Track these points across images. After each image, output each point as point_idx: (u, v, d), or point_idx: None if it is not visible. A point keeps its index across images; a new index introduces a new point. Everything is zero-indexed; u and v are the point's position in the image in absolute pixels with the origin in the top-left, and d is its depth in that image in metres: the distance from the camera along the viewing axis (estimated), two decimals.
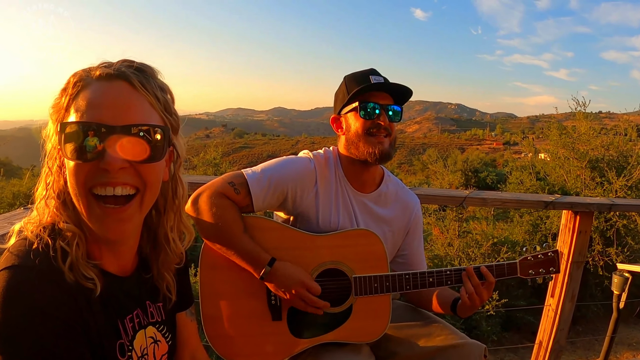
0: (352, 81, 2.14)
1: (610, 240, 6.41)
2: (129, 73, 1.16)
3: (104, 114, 1.10)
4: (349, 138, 2.15)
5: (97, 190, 1.11)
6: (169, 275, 1.41)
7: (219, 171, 11.22)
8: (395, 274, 2.12)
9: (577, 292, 3.40)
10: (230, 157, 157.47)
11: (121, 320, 1.24)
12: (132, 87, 1.15)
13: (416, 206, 2.38)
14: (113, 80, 1.14)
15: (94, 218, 1.13)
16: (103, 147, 1.08)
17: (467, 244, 6.73)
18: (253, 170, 2.10)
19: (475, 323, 5.81)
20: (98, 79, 1.14)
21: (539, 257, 2.21)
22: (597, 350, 5.46)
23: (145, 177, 1.17)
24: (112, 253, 1.26)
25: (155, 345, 1.37)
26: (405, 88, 2.10)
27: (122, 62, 1.19)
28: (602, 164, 7.09)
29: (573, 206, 3.30)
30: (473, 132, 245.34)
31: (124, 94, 1.14)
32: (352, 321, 2.13)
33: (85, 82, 1.14)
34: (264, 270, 1.98)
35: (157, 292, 1.42)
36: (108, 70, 1.14)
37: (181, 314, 1.59)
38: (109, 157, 1.08)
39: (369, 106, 2.08)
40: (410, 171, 49.93)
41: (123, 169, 1.11)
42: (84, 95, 1.12)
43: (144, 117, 1.15)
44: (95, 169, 1.09)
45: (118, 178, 1.11)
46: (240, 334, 2.10)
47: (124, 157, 1.10)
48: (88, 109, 1.10)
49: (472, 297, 2.07)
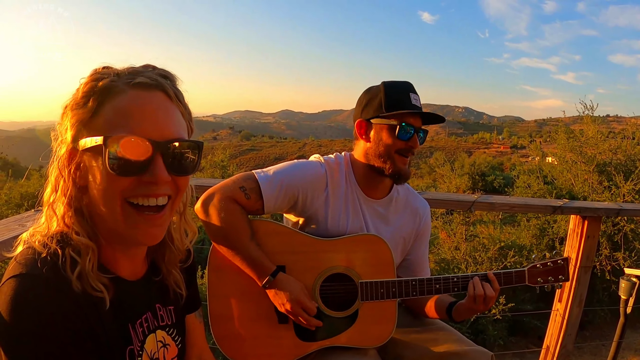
0: (392, 94, 2.12)
1: (617, 245, 6.38)
2: (165, 83, 1.16)
3: (148, 127, 1.10)
4: (377, 150, 2.13)
5: (137, 201, 1.13)
6: (176, 272, 1.42)
7: (226, 173, 11.22)
8: (402, 280, 2.12)
9: (584, 296, 3.38)
10: (237, 159, 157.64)
11: (132, 324, 1.24)
12: (169, 98, 1.16)
13: (426, 212, 2.39)
14: (152, 91, 1.13)
15: (131, 225, 1.13)
16: (149, 162, 1.09)
17: (474, 248, 6.71)
18: (265, 173, 2.10)
19: (481, 327, 5.80)
20: (134, 87, 1.11)
21: (548, 265, 2.20)
22: (604, 355, 5.43)
23: (181, 186, 1.20)
24: (128, 258, 1.27)
25: (165, 349, 1.37)
26: (439, 117, 2.15)
27: (150, 69, 1.19)
28: (609, 167, 7.06)
29: (581, 211, 3.29)
30: (480, 135, 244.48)
31: (162, 106, 1.14)
32: (358, 326, 2.13)
33: (116, 87, 1.11)
34: (267, 279, 2.00)
35: (168, 295, 1.42)
36: (143, 79, 1.13)
37: (190, 315, 1.59)
38: (157, 171, 1.10)
39: (406, 129, 2.07)
40: (417, 174, 49.78)
41: (166, 182, 1.14)
42: (119, 103, 1.10)
43: (180, 129, 1.17)
44: (139, 181, 1.10)
45: (160, 190, 1.14)
46: (247, 336, 2.10)
47: (169, 172, 1.12)
48: (129, 120, 1.09)
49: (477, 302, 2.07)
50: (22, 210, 7.75)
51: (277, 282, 2.00)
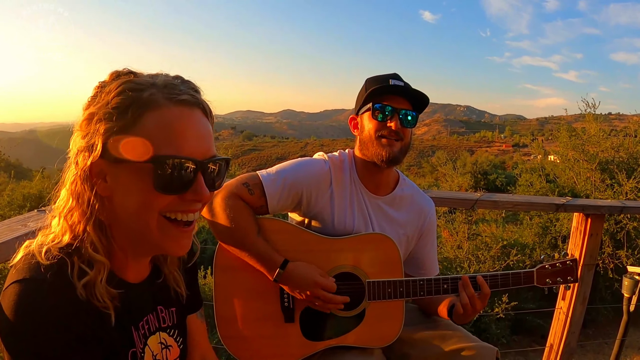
0: (371, 83, 2.14)
1: (620, 243, 6.37)
2: (201, 100, 1.17)
3: (193, 146, 1.11)
4: (362, 139, 2.16)
5: (176, 216, 1.15)
6: (177, 273, 1.43)
7: (228, 174, 11.25)
8: (410, 279, 2.11)
9: (588, 295, 3.38)
10: (239, 159, 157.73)
11: (135, 326, 1.25)
12: (205, 115, 1.18)
13: (431, 210, 2.37)
14: (193, 108, 1.14)
15: (165, 238, 1.15)
16: (192, 180, 1.12)
17: (476, 247, 6.70)
18: (268, 172, 2.10)
19: (484, 326, 5.79)
20: (177, 104, 1.11)
21: (557, 266, 2.18)
22: (607, 353, 5.42)
23: (210, 199, 1.24)
24: (137, 263, 1.28)
25: (167, 350, 1.38)
26: (421, 94, 2.09)
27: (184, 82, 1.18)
28: (612, 165, 7.04)
29: (584, 209, 3.29)
30: (482, 134, 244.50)
31: (202, 123, 1.16)
32: (364, 325, 2.13)
33: (157, 100, 1.10)
34: (277, 272, 1.99)
35: (169, 296, 1.43)
36: (185, 96, 1.13)
37: (192, 315, 1.60)
38: (200, 189, 1.13)
39: (382, 109, 2.07)
40: (420, 173, 49.78)
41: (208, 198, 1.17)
42: (162, 117, 1.09)
43: (214, 145, 1.19)
44: (180, 199, 1.13)
45: (198, 206, 1.18)
46: (253, 336, 2.11)
47: (209, 189, 1.16)
48: (175, 139, 1.09)
49: (466, 308, 2.06)
50: (25, 211, 7.75)
51: (288, 272, 2.00)
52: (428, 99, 2.11)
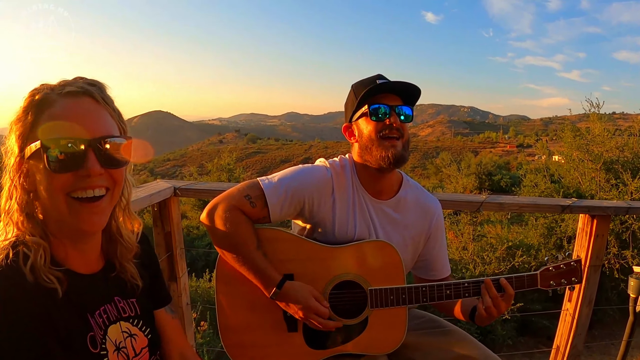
0: (359, 87, 2.12)
1: (626, 243, 6.35)
2: (92, 89, 1.29)
3: (80, 128, 1.23)
4: (363, 144, 2.11)
5: (77, 194, 1.25)
6: (129, 266, 1.51)
7: (232, 176, 11.23)
8: (412, 286, 2.09)
9: (594, 296, 3.36)
10: (243, 162, 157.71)
11: (91, 314, 1.33)
12: (96, 101, 1.29)
13: (437, 210, 2.33)
14: (79, 97, 1.27)
15: (73, 215, 1.25)
16: (83, 158, 1.23)
17: (481, 248, 6.70)
18: (269, 180, 2.09)
19: (490, 327, 5.78)
20: (64, 96, 1.25)
21: (560, 268, 2.16)
22: (613, 354, 5.41)
23: (116, 178, 1.33)
24: (79, 252, 1.36)
25: (132, 339, 1.46)
26: (412, 86, 2.06)
27: (80, 80, 1.32)
28: (616, 165, 7.03)
29: (590, 210, 3.27)
30: (486, 134, 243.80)
31: (91, 108, 1.28)
32: (368, 333, 2.12)
33: (49, 99, 1.25)
34: (273, 291, 1.99)
35: (126, 288, 1.50)
36: (72, 88, 1.27)
37: (160, 311, 1.67)
38: (90, 165, 1.23)
39: (378, 109, 2.04)
40: (424, 175, 49.72)
41: (100, 175, 1.26)
42: (53, 111, 1.23)
43: (109, 128, 1.30)
44: (76, 177, 1.23)
45: (96, 182, 1.27)
46: (257, 345, 2.11)
47: (101, 165, 1.25)
48: (61, 124, 1.22)
49: (490, 310, 2.04)
50: None
51: (284, 292, 1.99)
52: (419, 90, 2.09)
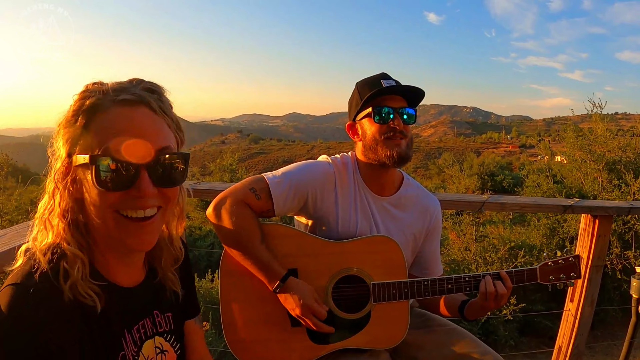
0: (364, 87, 2.15)
1: (628, 243, 6.33)
2: (148, 97, 1.19)
3: (133, 143, 1.13)
4: (366, 144, 2.15)
5: (127, 213, 1.17)
6: (171, 274, 1.46)
7: (235, 177, 11.24)
8: (414, 280, 2.12)
9: (596, 296, 3.37)
10: (246, 162, 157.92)
11: (129, 330, 1.27)
12: (153, 112, 1.19)
13: (436, 210, 2.38)
14: (135, 106, 1.17)
15: (121, 231, 1.17)
16: (135, 177, 1.14)
17: (484, 248, 6.69)
18: (274, 174, 2.12)
19: (492, 328, 5.77)
20: (119, 104, 1.15)
21: (559, 263, 2.20)
22: (615, 355, 5.39)
23: (170, 196, 1.25)
24: (125, 265, 1.30)
25: (162, 355, 1.41)
26: (416, 89, 2.10)
27: (136, 83, 1.22)
28: (619, 166, 7.01)
29: (592, 210, 3.27)
30: (489, 135, 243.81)
31: (147, 120, 1.18)
32: (370, 327, 2.14)
33: (102, 105, 1.15)
34: (277, 284, 2.01)
35: (165, 300, 1.45)
36: (128, 96, 1.16)
37: (190, 321, 1.63)
38: (142, 186, 1.14)
39: (382, 111, 2.08)
40: (426, 175, 49.74)
41: (153, 195, 1.18)
42: (105, 120, 1.14)
43: (166, 141, 1.20)
44: (127, 195, 1.14)
45: (148, 203, 1.18)
46: (260, 340, 2.12)
47: (154, 185, 1.17)
48: (115, 137, 1.12)
49: (487, 303, 2.09)
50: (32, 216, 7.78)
51: (287, 287, 2.01)
52: (422, 92, 2.13)
